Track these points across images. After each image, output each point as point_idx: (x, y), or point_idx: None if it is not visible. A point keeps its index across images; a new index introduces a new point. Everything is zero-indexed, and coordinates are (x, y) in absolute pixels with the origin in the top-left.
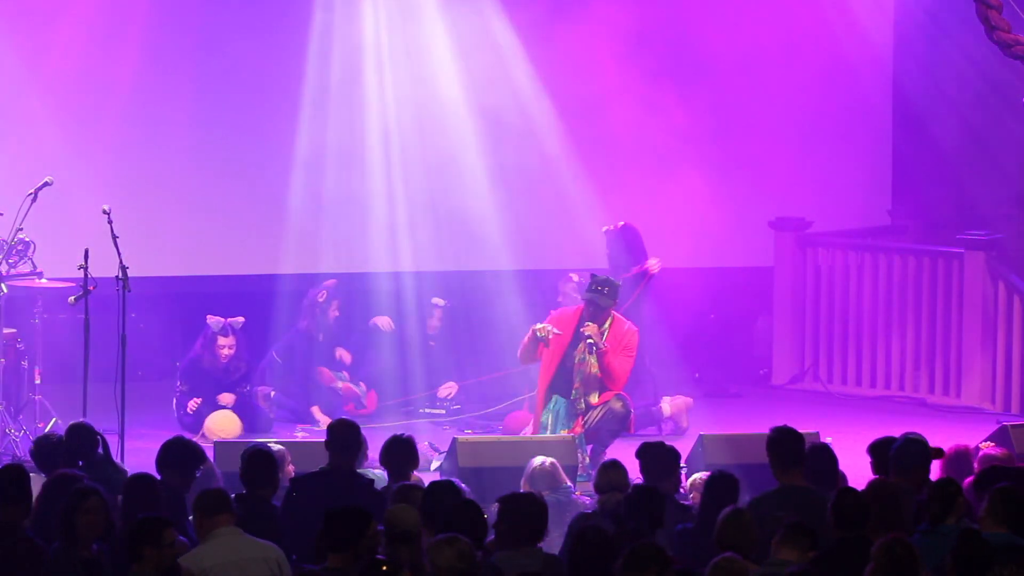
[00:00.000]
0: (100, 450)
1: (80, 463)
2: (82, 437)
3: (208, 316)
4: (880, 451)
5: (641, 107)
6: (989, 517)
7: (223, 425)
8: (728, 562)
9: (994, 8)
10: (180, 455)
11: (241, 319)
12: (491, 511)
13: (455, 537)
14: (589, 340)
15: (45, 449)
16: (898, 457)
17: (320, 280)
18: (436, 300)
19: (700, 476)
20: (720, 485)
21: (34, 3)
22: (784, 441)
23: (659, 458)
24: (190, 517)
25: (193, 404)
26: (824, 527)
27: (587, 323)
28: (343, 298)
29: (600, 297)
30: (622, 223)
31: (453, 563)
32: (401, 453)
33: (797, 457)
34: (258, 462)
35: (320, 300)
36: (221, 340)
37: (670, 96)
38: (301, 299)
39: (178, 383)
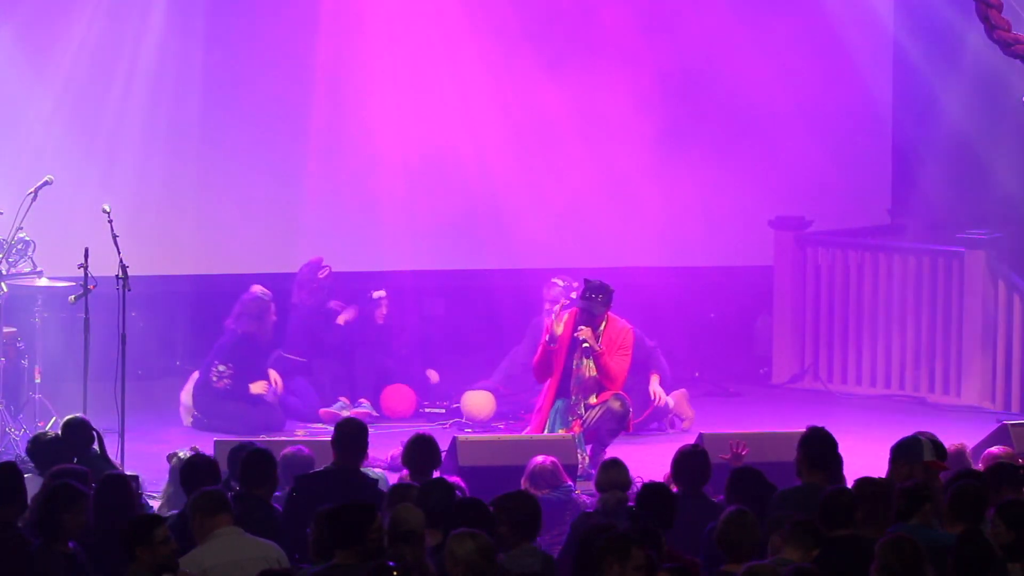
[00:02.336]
0: (95, 447)
1: (75, 459)
2: (78, 432)
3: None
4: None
5: (640, 106)
6: (948, 515)
7: (483, 403)
8: (740, 514)
9: (994, 7)
10: (198, 475)
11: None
12: None
13: (478, 532)
14: (585, 344)
15: (41, 447)
16: (894, 456)
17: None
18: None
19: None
20: (746, 480)
21: (34, 3)
22: (814, 442)
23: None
24: None
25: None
26: None
27: (581, 327)
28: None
29: (595, 304)
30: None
31: (473, 557)
32: (424, 452)
33: (823, 460)
34: (255, 462)
35: (320, 276)
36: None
37: (669, 96)
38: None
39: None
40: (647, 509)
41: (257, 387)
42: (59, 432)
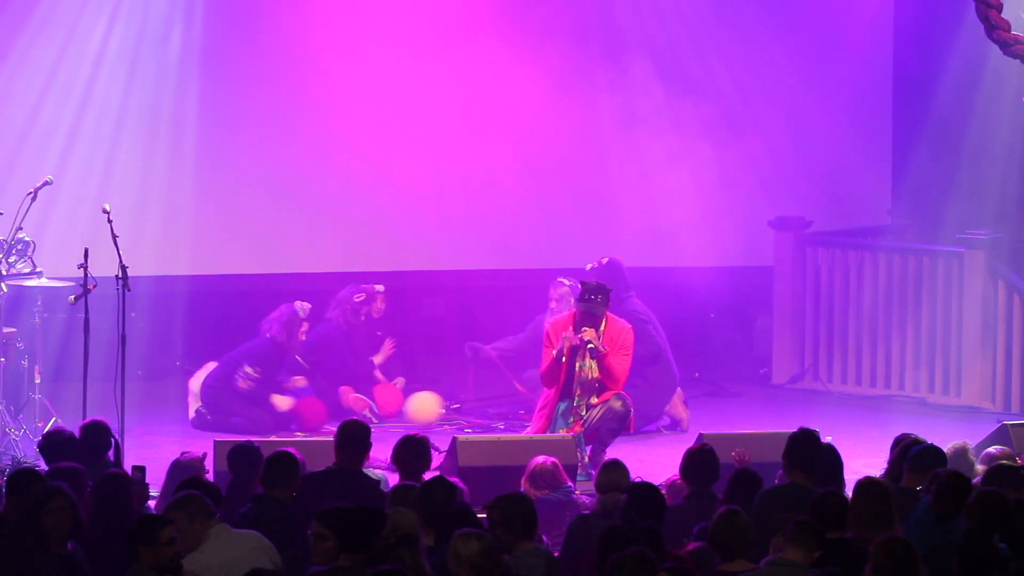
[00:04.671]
0: (111, 454)
1: (87, 463)
2: (97, 436)
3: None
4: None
5: (641, 106)
6: (968, 519)
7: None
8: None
9: (994, 7)
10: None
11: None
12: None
13: (482, 533)
14: (590, 345)
15: (55, 445)
16: (916, 458)
17: (322, 280)
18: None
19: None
20: (744, 482)
21: (34, 2)
22: (798, 441)
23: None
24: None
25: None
26: None
27: (584, 328)
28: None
29: (595, 306)
30: (607, 259)
31: (478, 558)
32: (413, 453)
33: (803, 461)
34: (279, 464)
35: (356, 300)
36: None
37: (670, 96)
38: (303, 298)
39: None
40: (637, 510)
41: (280, 401)
42: (76, 432)
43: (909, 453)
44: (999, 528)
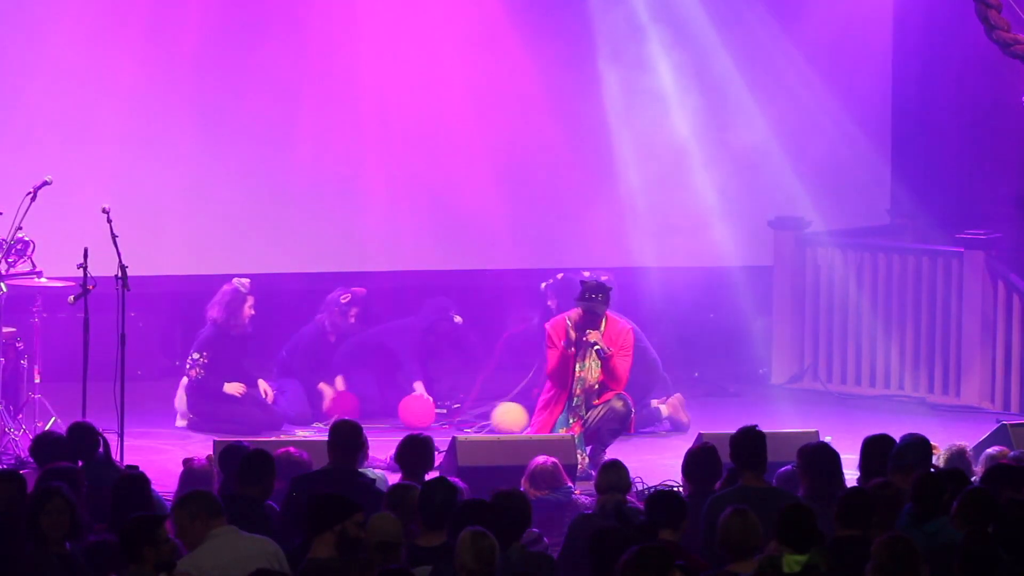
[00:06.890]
0: (100, 450)
1: (80, 463)
2: (83, 436)
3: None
4: (874, 448)
5: (642, 106)
6: (959, 519)
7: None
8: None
9: (994, 7)
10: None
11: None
12: None
13: (483, 533)
14: (596, 347)
15: (45, 447)
16: (898, 457)
17: (322, 280)
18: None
19: None
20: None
21: (35, 3)
22: (740, 442)
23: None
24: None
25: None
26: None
27: (589, 331)
28: (363, 308)
29: (595, 304)
30: (561, 275)
31: (475, 560)
32: (416, 453)
33: (749, 460)
34: (255, 463)
35: (343, 302)
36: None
37: (670, 96)
38: (303, 298)
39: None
40: (658, 515)
41: (232, 387)
42: (64, 434)
43: (891, 452)
44: (990, 527)
